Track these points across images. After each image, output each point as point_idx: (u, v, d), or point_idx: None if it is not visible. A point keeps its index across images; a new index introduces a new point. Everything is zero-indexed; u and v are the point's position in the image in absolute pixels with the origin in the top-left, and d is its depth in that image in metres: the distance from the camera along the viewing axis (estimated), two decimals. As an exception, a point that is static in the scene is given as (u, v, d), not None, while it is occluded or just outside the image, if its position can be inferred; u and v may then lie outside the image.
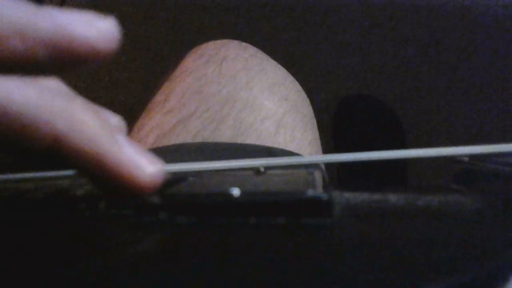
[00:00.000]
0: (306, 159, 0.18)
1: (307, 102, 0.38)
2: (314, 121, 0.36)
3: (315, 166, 0.32)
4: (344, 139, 0.87)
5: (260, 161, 0.17)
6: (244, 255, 0.13)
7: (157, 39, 0.91)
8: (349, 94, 0.88)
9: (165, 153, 0.27)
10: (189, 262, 0.12)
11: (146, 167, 0.13)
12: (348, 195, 0.18)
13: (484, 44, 0.85)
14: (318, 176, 0.18)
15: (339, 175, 0.86)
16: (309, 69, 0.89)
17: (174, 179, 0.17)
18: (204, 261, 0.12)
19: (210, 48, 0.35)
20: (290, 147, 0.29)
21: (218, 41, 0.36)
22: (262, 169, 0.17)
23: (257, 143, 0.28)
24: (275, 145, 0.28)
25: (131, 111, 0.33)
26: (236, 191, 0.14)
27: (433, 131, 0.86)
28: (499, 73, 0.85)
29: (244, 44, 0.38)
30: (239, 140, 0.28)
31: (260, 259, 0.12)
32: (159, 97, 0.33)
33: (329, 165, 0.95)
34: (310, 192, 0.14)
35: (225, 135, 0.28)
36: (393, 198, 0.17)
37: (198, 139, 0.27)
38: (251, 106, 0.29)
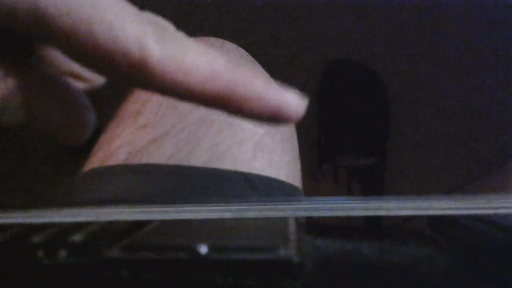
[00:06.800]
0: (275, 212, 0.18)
1: None
2: (294, 137, 0.36)
3: (293, 188, 0.32)
4: (328, 103, 0.86)
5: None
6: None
7: None
8: (338, 58, 0.85)
9: (137, 172, 0.26)
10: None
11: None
12: (320, 242, 0.18)
13: (482, 13, 0.84)
14: (292, 223, 0.17)
15: (320, 140, 0.85)
16: (300, 28, 0.86)
17: (135, 225, 0.17)
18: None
19: None
20: (267, 172, 0.28)
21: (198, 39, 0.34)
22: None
23: (233, 168, 0.27)
24: (252, 171, 0.27)
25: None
26: (203, 248, 0.14)
27: (419, 103, 0.84)
28: (496, 42, 0.84)
29: (227, 44, 0.36)
30: (215, 164, 0.27)
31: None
32: (132, 105, 0.32)
33: (311, 127, 0.93)
34: (282, 252, 0.14)
35: (201, 160, 0.27)
36: (366, 250, 0.17)
37: (172, 161, 0.27)
38: (229, 128, 0.28)
